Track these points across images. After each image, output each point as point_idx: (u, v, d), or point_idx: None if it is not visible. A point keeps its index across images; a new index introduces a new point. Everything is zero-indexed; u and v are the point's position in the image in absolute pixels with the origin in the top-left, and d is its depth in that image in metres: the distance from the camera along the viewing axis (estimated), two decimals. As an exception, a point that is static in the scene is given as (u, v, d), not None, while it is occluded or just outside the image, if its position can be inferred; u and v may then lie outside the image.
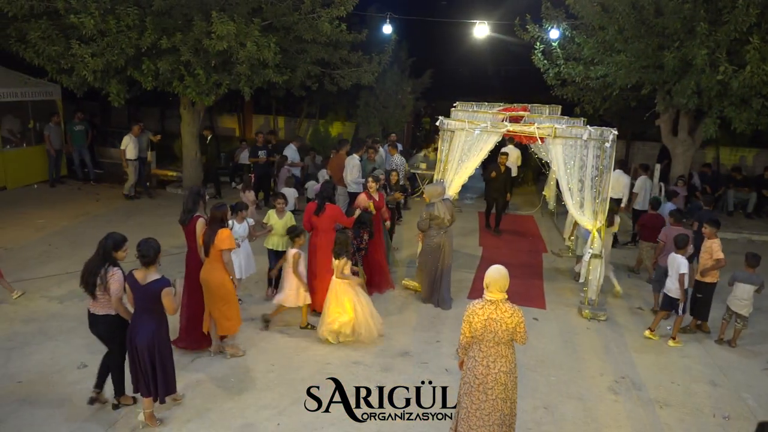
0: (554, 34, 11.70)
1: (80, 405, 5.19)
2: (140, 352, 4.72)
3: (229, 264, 5.80)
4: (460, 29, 15.48)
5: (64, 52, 9.79)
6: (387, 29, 13.56)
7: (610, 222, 8.24)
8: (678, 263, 6.87)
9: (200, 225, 5.96)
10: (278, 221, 7.26)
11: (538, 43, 11.89)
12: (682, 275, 6.80)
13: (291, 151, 12.26)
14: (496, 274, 4.40)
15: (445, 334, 6.91)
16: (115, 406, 5.18)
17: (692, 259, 7.28)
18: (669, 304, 7.02)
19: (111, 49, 9.72)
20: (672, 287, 6.94)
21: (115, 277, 4.75)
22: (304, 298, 6.67)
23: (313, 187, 11.29)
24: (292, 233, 6.80)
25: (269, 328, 6.80)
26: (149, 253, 4.68)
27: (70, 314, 6.93)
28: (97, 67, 9.71)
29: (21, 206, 11.33)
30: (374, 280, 7.89)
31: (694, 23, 9.35)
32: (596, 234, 7.59)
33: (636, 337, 7.19)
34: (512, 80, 21.58)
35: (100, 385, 5.20)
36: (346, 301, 6.27)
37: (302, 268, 6.70)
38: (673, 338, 7.03)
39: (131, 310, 4.89)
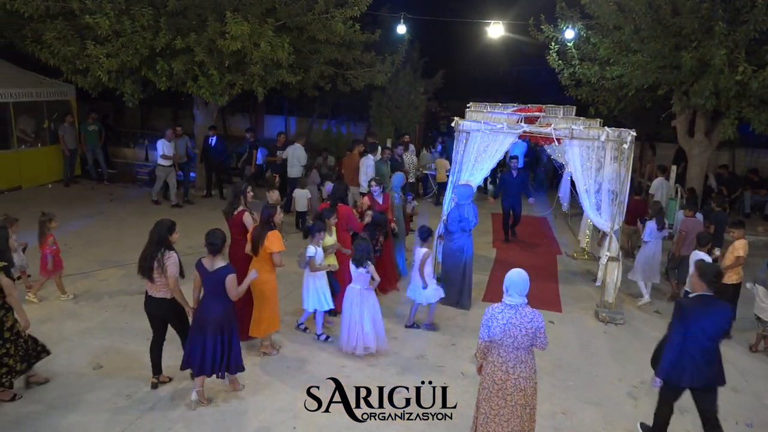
0: (569, 34, 11.57)
1: (97, 407, 5.19)
2: (210, 332, 5.01)
3: (279, 262, 5.99)
4: (471, 29, 15.40)
5: (79, 53, 9.85)
6: (401, 29, 13.48)
7: (661, 225, 8.07)
8: (702, 260, 6.78)
9: (247, 218, 6.31)
10: (328, 238, 6.75)
11: (553, 44, 11.78)
12: None
13: (301, 151, 12.17)
14: (517, 278, 4.35)
15: (461, 337, 6.85)
16: (155, 385, 5.44)
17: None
18: None
19: (126, 50, 9.76)
20: None
21: (171, 260, 5.06)
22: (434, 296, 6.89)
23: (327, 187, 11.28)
24: (425, 235, 6.90)
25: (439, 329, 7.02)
26: (217, 242, 5.05)
27: (85, 314, 6.95)
28: (112, 67, 9.76)
29: (36, 206, 11.34)
30: (381, 282, 7.83)
31: (712, 23, 9.22)
32: (613, 236, 7.52)
33: (654, 341, 7.02)
34: (524, 81, 21.48)
35: (158, 370, 5.51)
36: (365, 313, 6.17)
37: (429, 269, 6.85)
38: None
39: (188, 297, 5.25)
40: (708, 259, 6.85)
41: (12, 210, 10.83)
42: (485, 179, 8.35)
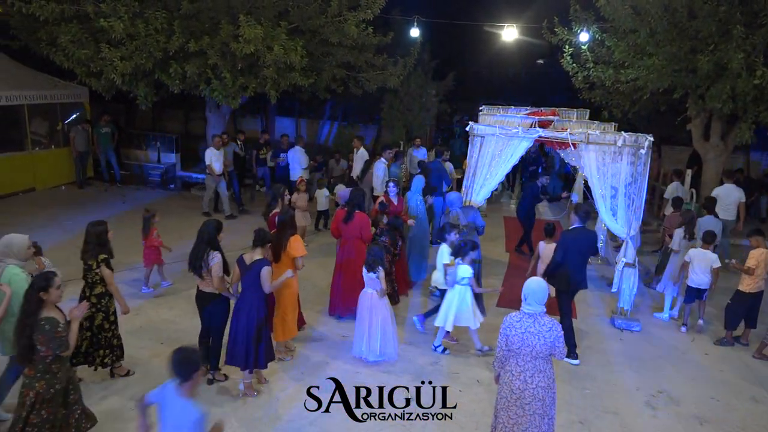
0: (584, 37, 11.48)
1: (118, 414, 5.18)
2: (243, 324, 5.29)
3: (298, 269, 6.10)
4: (482, 31, 15.34)
5: (93, 56, 9.87)
6: (414, 32, 13.44)
7: (690, 235, 7.83)
8: (711, 258, 7.17)
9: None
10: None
11: (567, 46, 11.69)
12: (716, 269, 7.16)
13: (302, 154, 12.07)
14: (535, 286, 4.30)
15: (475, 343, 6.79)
16: (210, 381, 5.62)
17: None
18: (694, 296, 7.38)
19: (139, 53, 9.77)
20: (704, 280, 7.17)
21: (215, 260, 5.30)
22: None
23: (341, 191, 11.23)
24: (550, 231, 7.57)
25: None
26: (262, 236, 5.44)
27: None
28: (126, 70, 9.77)
29: (49, 207, 11.46)
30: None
31: (730, 26, 9.12)
32: (629, 242, 7.44)
33: (671, 349, 7.01)
34: (534, 82, 21.35)
35: (206, 359, 5.67)
36: (377, 318, 6.13)
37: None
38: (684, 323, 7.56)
39: (231, 290, 5.53)
40: (716, 256, 7.20)
41: (26, 212, 10.95)
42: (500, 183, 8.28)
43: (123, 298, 5.59)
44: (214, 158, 11.30)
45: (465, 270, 6.28)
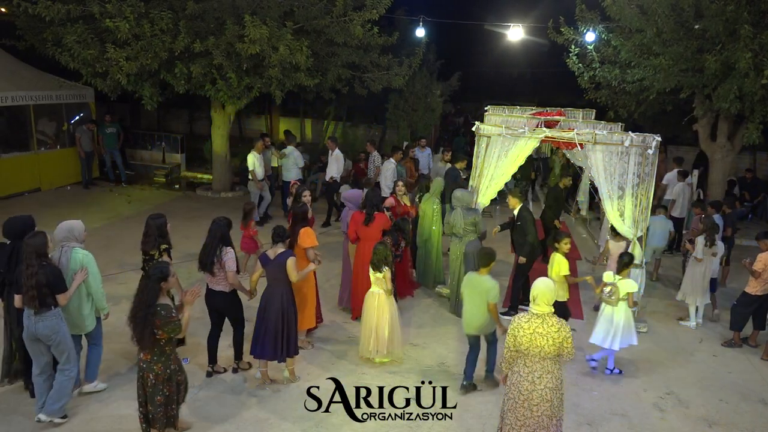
0: (590, 37, 11.43)
1: (127, 417, 5.17)
2: (272, 317, 5.39)
3: (312, 261, 6.10)
4: (486, 31, 15.31)
5: (99, 56, 9.89)
6: (419, 32, 13.40)
7: (711, 242, 7.52)
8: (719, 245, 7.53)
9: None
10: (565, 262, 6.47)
11: (573, 47, 11.64)
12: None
13: (298, 153, 11.87)
14: (543, 287, 4.28)
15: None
16: (235, 370, 5.84)
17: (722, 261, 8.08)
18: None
19: (145, 53, 9.79)
20: (716, 269, 7.54)
21: (229, 255, 5.42)
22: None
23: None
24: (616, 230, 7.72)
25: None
26: (281, 232, 5.59)
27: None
28: (131, 70, 9.79)
29: (55, 208, 11.47)
30: (398, 287, 7.76)
31: (737, 26, 9.06)
32: (636, 243, 7.39)
33: (679, 350, 6.96)
34: (538, 83, 21.32)
35: (213, 360, 5.81)
36: (384, 318, 6.11)
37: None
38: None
39: (247, 287, 5.68)
40: (721, 244, 7.55)
41: (32, 212, 10.91)
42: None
43: (181, 287, 5.59)
44: (258, 163, 10.67)
45: (629, 284, 5.97)
